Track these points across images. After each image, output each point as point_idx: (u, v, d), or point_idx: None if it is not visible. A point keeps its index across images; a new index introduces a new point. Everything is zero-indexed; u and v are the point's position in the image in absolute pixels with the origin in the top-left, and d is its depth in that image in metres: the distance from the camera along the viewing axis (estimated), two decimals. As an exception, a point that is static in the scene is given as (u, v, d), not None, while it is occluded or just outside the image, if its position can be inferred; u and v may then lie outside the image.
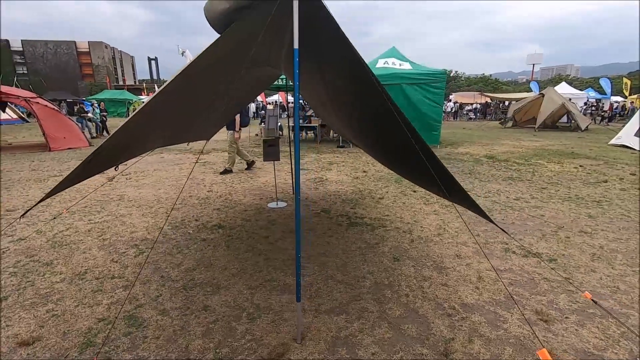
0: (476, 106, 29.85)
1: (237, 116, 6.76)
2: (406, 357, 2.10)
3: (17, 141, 12.59)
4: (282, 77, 8.90)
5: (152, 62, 64.75)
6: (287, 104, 18.27)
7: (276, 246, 3.69)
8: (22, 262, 3.29)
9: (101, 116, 14.67)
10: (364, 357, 2.10)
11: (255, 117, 24.99)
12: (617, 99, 29.07)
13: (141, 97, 30.22)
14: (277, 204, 5.13)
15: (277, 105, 22.07)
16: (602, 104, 26.16)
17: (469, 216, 4.45)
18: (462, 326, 2.38)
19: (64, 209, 4.78)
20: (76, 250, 3.57)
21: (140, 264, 3.24)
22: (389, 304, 2.64)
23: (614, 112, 24.81)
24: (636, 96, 24.53)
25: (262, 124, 15.48)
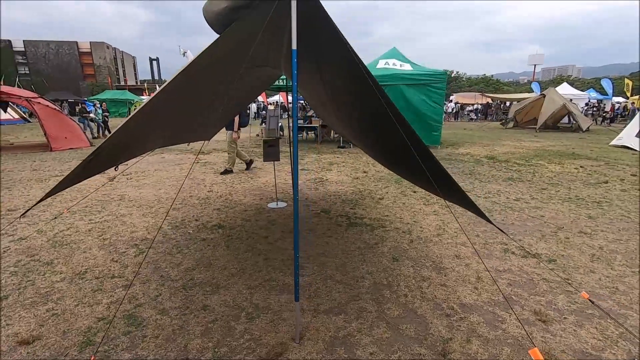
0: (477, 107, 29.84)
1: (236, 116, 6.78)
2: (404, 357, 2.10)
3: (19, 141, 12.64)
4: (282, 77, 8.92)
5: (154, 63, 64.93)
6: (288, 104, 18.29)
7: (276, 246, 3.69)
8: (22, 261, 3.31)
9: (103, 116, 14.73)
10: (362, 356, 2.11)
11: (256, 118, 25.04)
12: (619, 99, 29.03)
13: (142, 97, 30.30)
14: (277, 204, 5.14)
15: (278, 105, 22.10)
16: (604, 104, 26.13)
17: (468, 217, 4.45)
18: (460, 326, 2.38)
19: (64, 208, 4.80)
20: (76, 249, 3.59)
21: (140, 264, 3.25)
22: (388, 304, 2.65)
23: (615, 113, 24.75)
24: (637, 97, 24.46)
25: (263, 124, 15.50)
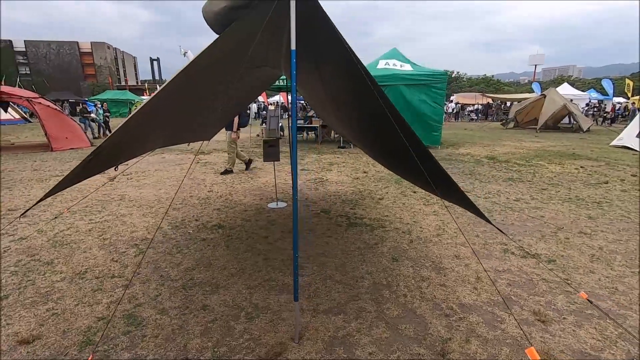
0: (478, 107, 29.83)
1: (235, 117, 6.79)
2: (403, 357, 2.11)
3: (20, 141, 12.66)
4: (283, 77, 8.92)
5: (154, 63, 64.96)
6: (289, 104, 18.28)
7: (275, 246, 3.70)
8: (23, 261, 3.32)
9: (104, 117, 14.76)
10: (361, 356, 2.11)
11: (256, 118, 25.05)
12: (620, 100, 28.99)
13: (143, 97, 30.36)
14: (277, 204, 5.15)
15: (278, 105, 22.11)
16: (605, 105, 26.11)
17: (468, 217, 4.45)
18: (459, 326, 2.38)
19: (65, 208, 4.81)
20: (77, 249, 3.60)
21: (140, 264, 3.26)
22: (387, 304, 2.65)
23: (616, 114, 24.72)
24: (638, 97, 24.43)
25: (264, 124, 15.50)
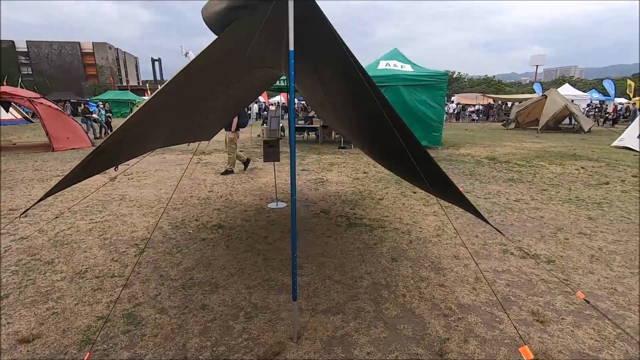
0: (479, 107, 29.81)
1: (235, 117, 6.80)
2: (401, 357, 2.11)
3: (21, 141, 12.70)
4: (283, 78, 8.94)
5: (156, 63, 65.12)
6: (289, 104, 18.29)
7: (275, 246, 3.71)
8: (23, 260, 3.33)
9: (106, 117, 14.81)
10: (359, 356, 2.12)
11: (257, 118, 25.07)
12: (621, 100, 28.93)
13: (144, 97, 30.43)
14: (277, 205, 5.16)
15: (279, 106, 22.11)
16: (606, 105, 26.05)
17: (468, 217, 4.46)
18: (458, 326, 2.39)
19: (65, 208, 4.83)
20: (77, 249, 3.61)
21: (140, 263, 3.27)
22: (386, 304, 2.66)
23: (618, 114, 24.67)
24: (639, 98, 24.38)
25: (264, 124, 15.52)
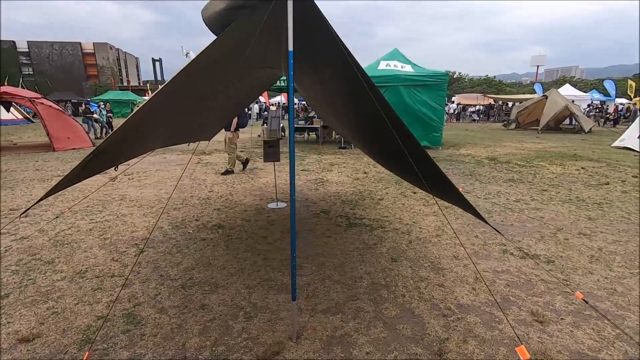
0: (479, 108, 29.80)
1: (235, 117, 6.80)
2: (400, 357, 2.11)
3: (22, 141, 12.73)
4: (283, 78, 8.94)
5: (157, 63, 65.21)
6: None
7: (275, 246, 3.71)
8: (24, 260, 3.34)
9: (107, 117, 14.84)
10: (358, 356, 2.12)
11: (258, 119, 25.08)
12: (622, 101, 28.90)
13: (145, 97, 30.49)
14: (277, 205, 5.16)
15: (279, 106, 22.13)
16: (607, 106, 26.02)
17: (468, 217, 4.45)
18: (457, 326, 2.39)
19: (66, 208, 4.84)
20: (77, 249, 3.62)
21: (140, 263, 3.28)
22: (385, 304, 2.66)
23: (618, 115, 24.64)
24: (639, 99, 24.36)
25: (265, 125, 15.53)
